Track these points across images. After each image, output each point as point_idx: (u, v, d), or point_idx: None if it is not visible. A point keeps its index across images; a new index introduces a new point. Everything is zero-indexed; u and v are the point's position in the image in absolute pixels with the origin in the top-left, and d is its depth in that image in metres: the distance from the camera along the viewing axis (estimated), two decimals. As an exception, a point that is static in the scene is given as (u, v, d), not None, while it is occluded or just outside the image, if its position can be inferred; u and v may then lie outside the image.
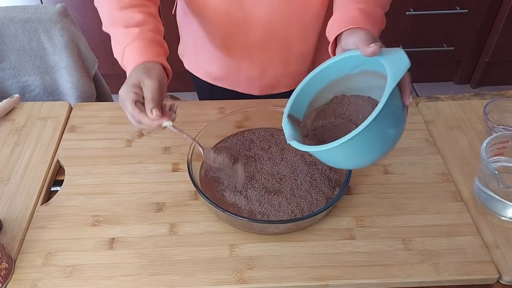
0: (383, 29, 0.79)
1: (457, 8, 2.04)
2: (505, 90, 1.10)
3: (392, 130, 0.67)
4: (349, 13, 0.75)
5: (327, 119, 0.75)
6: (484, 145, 0.80)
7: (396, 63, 0.65)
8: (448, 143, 0.94)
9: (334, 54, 0.76)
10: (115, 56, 0.81)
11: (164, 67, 0.77)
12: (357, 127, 0.61)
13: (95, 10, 0.87)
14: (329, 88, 0.75)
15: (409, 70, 0.65)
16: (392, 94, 0.62)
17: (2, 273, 0.69)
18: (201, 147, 0.79)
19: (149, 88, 0.71)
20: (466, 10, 2.04)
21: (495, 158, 0.85)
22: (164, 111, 0.72)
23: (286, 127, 0.72)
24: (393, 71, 0.64)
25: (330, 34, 0.77)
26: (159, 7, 0.89)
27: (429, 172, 0.88)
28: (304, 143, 0.71)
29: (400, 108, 0.66)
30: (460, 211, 0.82)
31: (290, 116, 0.73)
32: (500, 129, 0.90)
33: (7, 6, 1.17)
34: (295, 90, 0.75)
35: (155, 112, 0.70)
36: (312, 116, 0.76)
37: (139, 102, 0.71)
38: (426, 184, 0.86)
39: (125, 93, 0.72)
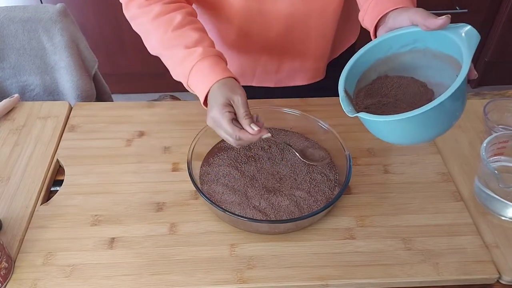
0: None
1: (457, 8, 2.04)
2: (505, 90, 1.10)
3: (460, 104, 0.65)
4: None
5: (374, 98, 0.73)
6: (484, 145, 0.80)
7: (467, 37, 0.63)
8: (448, 143, 0.94)
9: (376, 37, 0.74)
10: (177, 78, 0.80)
11: (235, 79, 0.77)
12: (406, 106, 0.60)
13: (95, 10, 0.87)
14: (374, 68, 0.73)
15: None
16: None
17: (2, 273, 0.69)
18: (293, 149, 0.83)
19: (240, 104, 0.72)
20: (466, 10, 2.04)
21: (495, 157, 0.85)
22: (257, 123, 0.74)
23: (344, 102, 0.69)
24: (467, 46, 0.62)
25: (369, 18, 0.75)
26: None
27: (429, 171, 0.88)
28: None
29: (465, 83, 0.64)
30: (460, 210, 0.82)
31: (345, 91, 0.70)
32: (500, 129, 0.90)
33: (7, 6, 1.17)
34: (345, 66, 0.72)
35: (255, 127, 0.71)
36: (361, 94, 0.73)
37: (234, 120, 0.73)
38: (426, 184, 0.86)
39: (220, 114, 0.72)
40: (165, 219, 0.80)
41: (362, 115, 0.65)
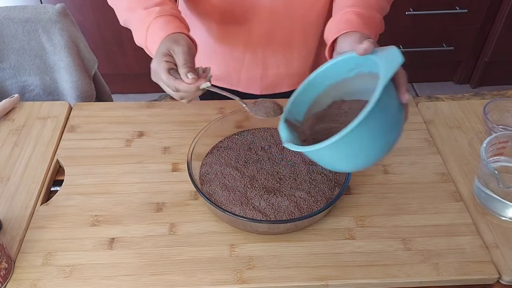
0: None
1: (457, 8, 2.04)
2: (505, 90, 1.10)
3: (386, 129, 0.64)
4: (346, 16, 0.75)
5: (325, 123, 0.74)
6: (484, 145, 0.80)
7: (388, 59, 0.63)
8: (447, 143, 0.94)
9: (331, 58, 0.76)
10: (138, 42, 0.80)
11: (189, 38, 0.76)
12: None
13: (95, 10, 0.87)
14: (327, 93, 0.75)
15: (409, 69, 0.64)
16: (385, 91, 0.60)
17: (1, 273, 0.69)
18: (244, 104, 0.77)
19: (180, 54, 0.70)
20: (466, 10, 2.04)
21: (495, 158, 0.85)
22: (198, 75, 0.71)
23: (283, 130, 0.71)
24: (385, 68, 0.62)
25: (328, 38, 0.77)
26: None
27: (429, 172, 0.88)
28: None
29: (395, 107, 0.65)
30: (459, 211, 0.82)
31: (287, 121, 0.73)
32: (500, 129, 0.90)
33: (7, 6, 1.17)
34: (291, 96, 0.74)
35: (191, 76, 0.69)
36: (309, 121, 0.75)
37: (173, 70, 0.70)
38: (426, 184, 0.86)
39: (157, 64, 0.71)
40: (165, 219, 0.80)
41: (289, 146, 0.68)
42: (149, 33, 0.76)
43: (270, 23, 0.92)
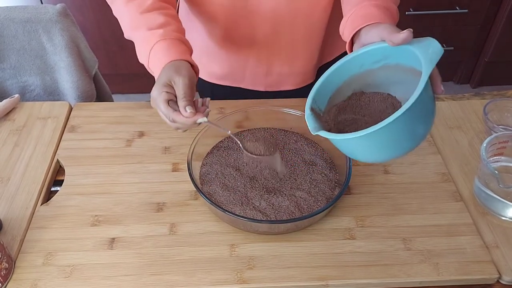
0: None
1: (457, 8, 2.04)
2: (505, 90, 1.10)
3: (423, 122, 0.64)
4: (366, 9, 0.74)
5: (347, 114, 0.74)
6: (484, 145, 0.80)
7: (428, 50, 0.63)
8: (448, 143, 0.94)
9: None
10: (141, 60, 0.81)
11: (191, 65, 0.76)
12: (375, 122, 0.59)
13: (95, 10, 0.87)
14: (348, 84, 0.74)
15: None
16: (426, 83, 0.60)
17: (2, 273, 0.69)
18: (239, 141, 0.79)
19: (180, 86, 0.71)
20: (466, 10, 2.04)
21: (495, 158, 0.85)
22: (197, 107, 0.72)
23: (310, 119, 0.70)
24: (427, 58, 0.62)
25: (346, 32, 0.76)
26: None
27: (429, 172, 0.88)
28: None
29: (431, 99, 0.64)
30: (460, 211, 0.82)
31: (312, 110, 0.72)
32: (500, 129, 0.90)
33: (7, 6, 1.17)
34: (315, 84, 0.73)
35: (189, 110, 0.69)
36: (332, 112, 0.74)
37: (172, 101, 0.71)
38: (426, 184, 0.86)
39: (157, 93, 0.71)
40: (165, 219, 0.80)
41: (322, 133, 0.66)
42: (151, 56, 0.77)
43: (274, 24, 0.92)
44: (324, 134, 0.66)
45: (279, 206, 0.79)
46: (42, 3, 1.92)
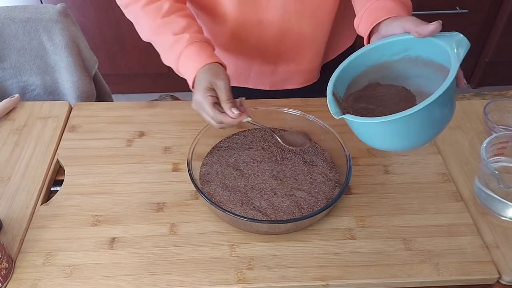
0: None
1: (457, 8, 2.04)
2: (506, 90, 1.10)
3: (446, 112, 0.66)
4: (383, 3, 0.74)
5: (363, 103, 0.74)
6: (484, 145, 0.80)
7: (455, 44, 0.63)
8: (448, 143, 0.94)
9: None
10: (167, 63, 0.84)
11: (221, 64, 0.80)
12: (390, 114, 0.60)
13: (95, 10, 0.87)
14: (366, 74, 0.74)
15: None
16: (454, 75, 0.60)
17: (2, 273, 0.69)
18: (277, 136, 0.84)
19: (222, 89, 0.75)
20: (466, 10, 2.04)
21: (495, 158, 0.85)
22: (238, 108, 0.76)
23: (332, 104, 0.69)
24: (454, 51, 0.62)
25: (363, 25, 0.76)
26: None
27: (429, 172, 0.88)
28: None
29: (454, 92, 0.65)
30: (460, 211, 0.82)
31: (333, 94, 0.71)
32: (500, 129, 0.90)
33: (7, 6, 1.17)
34: (336, 70, 0.73)
35: (235, 111, 0.74)
36: (350, 100, 0.74)
37: (217, 104, 0.75)
38: (426, 184, 0.86)
39: (203, 98, 0.75)
40: (165, 219, 0.80)
41: (348, 117, 0.66)
42: (181, 61, 0.80)
43: (281, 29, 0.93)
44: (349, 117, 0.66)
45: (279, 206, 0.79)
46: (42, 2, 1.92)
